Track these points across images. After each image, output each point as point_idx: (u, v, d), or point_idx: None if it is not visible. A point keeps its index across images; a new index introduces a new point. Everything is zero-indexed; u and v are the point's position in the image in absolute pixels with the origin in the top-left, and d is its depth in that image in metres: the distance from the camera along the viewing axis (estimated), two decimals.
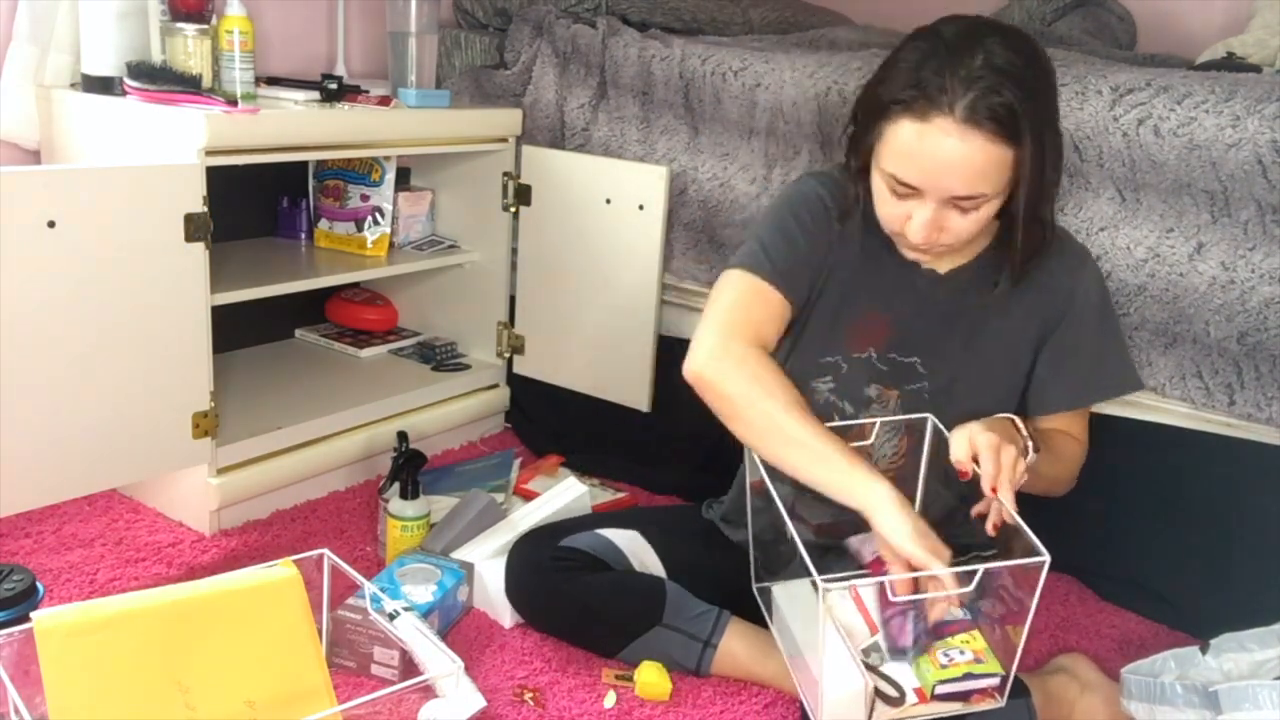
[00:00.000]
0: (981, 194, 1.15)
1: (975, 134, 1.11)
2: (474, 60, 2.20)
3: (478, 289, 2.15)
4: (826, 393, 1.35)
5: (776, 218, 1.33)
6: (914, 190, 1.17)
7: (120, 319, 1.46)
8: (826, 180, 1.34)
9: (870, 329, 1.34)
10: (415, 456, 1.61)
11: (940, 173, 1.14)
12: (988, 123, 1.11)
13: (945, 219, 1.18)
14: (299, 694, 1.10)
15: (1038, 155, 1.15)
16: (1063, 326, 1.32)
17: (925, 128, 1.13)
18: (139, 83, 1.56)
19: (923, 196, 1.17)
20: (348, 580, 1.22)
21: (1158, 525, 1.60)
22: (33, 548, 1.60)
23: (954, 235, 1.20)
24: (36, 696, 0.97)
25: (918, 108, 1.13)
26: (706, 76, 1.84)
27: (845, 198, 1.31)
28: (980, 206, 1.17)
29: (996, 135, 1.11)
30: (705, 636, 1.35)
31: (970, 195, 1.15)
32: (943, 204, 1.17)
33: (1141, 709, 1.20)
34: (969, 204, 1.16)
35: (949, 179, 1.14)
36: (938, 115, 1.12)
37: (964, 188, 1.14)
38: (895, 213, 1.21)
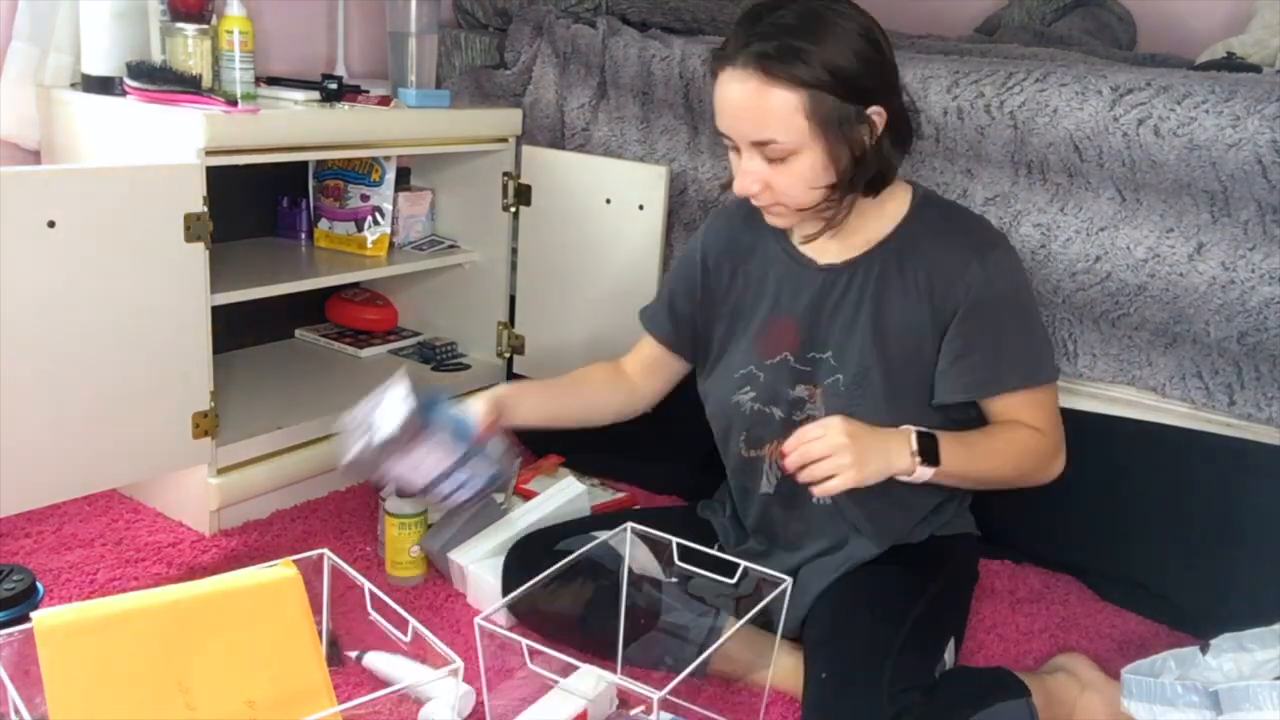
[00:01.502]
0: (772, 139, 1.23)
1: (750, 75, 1.21)
2: (474, 60, 2.20)
3: (478, 289, 2.15)
4: (749, 403, 1.41)
5: (665, 280, 1.58)
6: (732, 144, 1.27)
7: (120, 319, 1.46)
8: (716, 222, 1.50)
9: (780, 334, 1.39)
10: None
11: (733, 116, 1.25)
12: (766, 65, 1.20)
13: (763, 172, 1.26)
14: (299, 694, 1.09)
15: (841, 112, 1.22)
16: (960, 315, 1.30)
17: (719, 79, 1.25)
18: (139, 83, 1.56)
19: (737, 149, 1.27)
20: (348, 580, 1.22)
21: (1158, 525, 1.60)
22: (33, 548, 1.60)
23: (783, 192, 1.27)
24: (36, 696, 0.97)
25: (716, 62, 1.26)
26: (706, 76, 1.84)
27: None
28: (786, 158, 1.24)
29: (769, 78, 1.20)
30: (703, 635, 1.36)
31: (764, 140, 1.23)
32: (753, 152, 1.26)
33: (1142, 709, 1.20)
34: (770, 151, 1.24)
35: (740, 123, 1.25)
36: (725, 66, 1.24)
37: (753, 131, 1.24)
38: (734, 173, 1.30)
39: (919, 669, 1.23)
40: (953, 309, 1.31)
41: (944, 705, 1.19)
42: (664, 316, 1.54)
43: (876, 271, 1.34)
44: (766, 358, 1.40)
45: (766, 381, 1.39)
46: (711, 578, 1.31)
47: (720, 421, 1.46)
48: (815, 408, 1.36)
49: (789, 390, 1.38)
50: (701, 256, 1.48)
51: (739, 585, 1.30)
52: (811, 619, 1.35)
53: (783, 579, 1.22)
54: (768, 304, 1.41)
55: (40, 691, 0.97)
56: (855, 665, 1.22)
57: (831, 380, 1.35)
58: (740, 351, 1.43)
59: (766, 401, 1.40)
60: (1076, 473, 1.65)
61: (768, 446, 1.41)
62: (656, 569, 1.42)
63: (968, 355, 1.31)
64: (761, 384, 1.40)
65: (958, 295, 1.30)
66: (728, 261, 1.46)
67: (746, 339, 1.42)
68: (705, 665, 1.35)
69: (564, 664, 1.17)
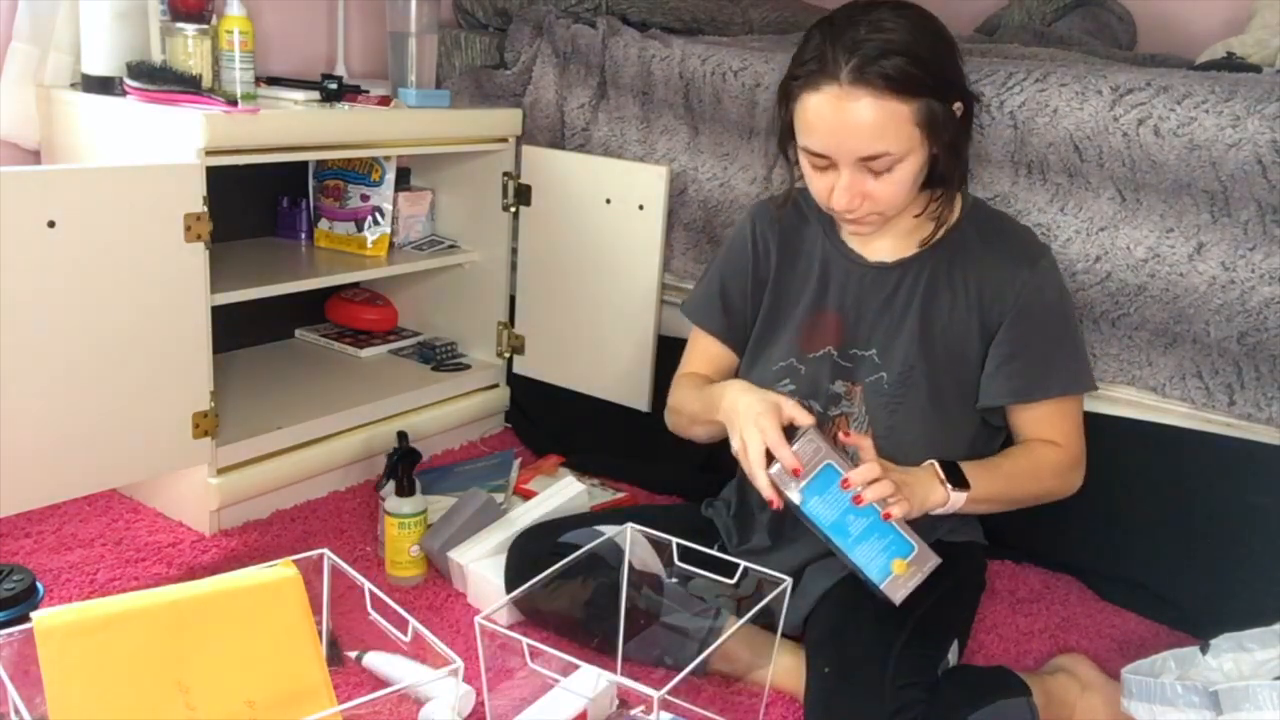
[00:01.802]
0: (885, 152, 1.21)
1: (862, 92, 1.18)
2: (474, 60, 2.20)
3: (478, 289, 2.15)
4: (789, 395, 1.39)
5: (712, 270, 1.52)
6: (827, 160, 1.24)
7: (120, 319, 1.46)
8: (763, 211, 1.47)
9: (824, 328, 1.40)
10: (410, 454, 1.61)
11: (840, 135, 1.21)
12: (874, 80, 1.18)
13: (863, 184, 1.25)
14: (299, 694, 1.09)
15: (940, 112, 1.22)
16: (1009, 321, 1.33)
17: (819, 96, 1.21)
18: (139, 83, 1.56)
19: (836, 165, 1.24)
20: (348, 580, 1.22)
21: (1158, 525, 1.60)
22: (33, 548, 1.60)
23: (879, 202, 1.26)
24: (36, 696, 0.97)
25: (811, 80, 1.22)
26: (706, 76, 1.84)
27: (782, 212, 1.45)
28: (892, 168, 1.23)
29: (883, 91, 1.18)
30: (703, 635, 1.36)
31: (874, 155, 1.21)
32: (855, 168, 1.24)
33: (1142, 709, 1.20)
34: (878, 164, 1.22)
35: (849, 140, 1.21)
36: (827, 82, 1.20)
37: (865, 147, 1.21)
38: (820, 187, 1.28)
39: (921, 667, 1.23)
40: (1000, 316, 1.33)
41: (945, 703, 1.19)
42: (717, 310, 1.50)
43: (927, 273, 1.35)
44: (809, 351, 1.40)
45: (808, 374, 1.39)
46: (712, 578, 1.31)
47: None
48: (852, 405, 1.37)
49: (829, 385, 1.39)
50: (752, 243, 1.46)
51: (739, 585, 1.30)
52: (814, 617, 1.35)
53: (783, 579, 1.23)
54: (813, 297, 1.41)
55: (40, 691, 0.97)
56: (857, 662, 1.23)
57: (874, 379, 1.36)
58: (782, 343, 1.42)
59: (806, 394, 1.39)
60: None
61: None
62: (658, 565, 1.42)
63: (1014, 360, 1.33)
64: (802, 377, 1.40)
65: (1006, 302, 1.32)
66: (776, 250, 1.45)
67: (790, 330, 1.42)
68: (705, 664, 1.35)
69: (564, 663, 1.17)
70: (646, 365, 1.92)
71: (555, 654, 1.12)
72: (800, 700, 1.31)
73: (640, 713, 1.29)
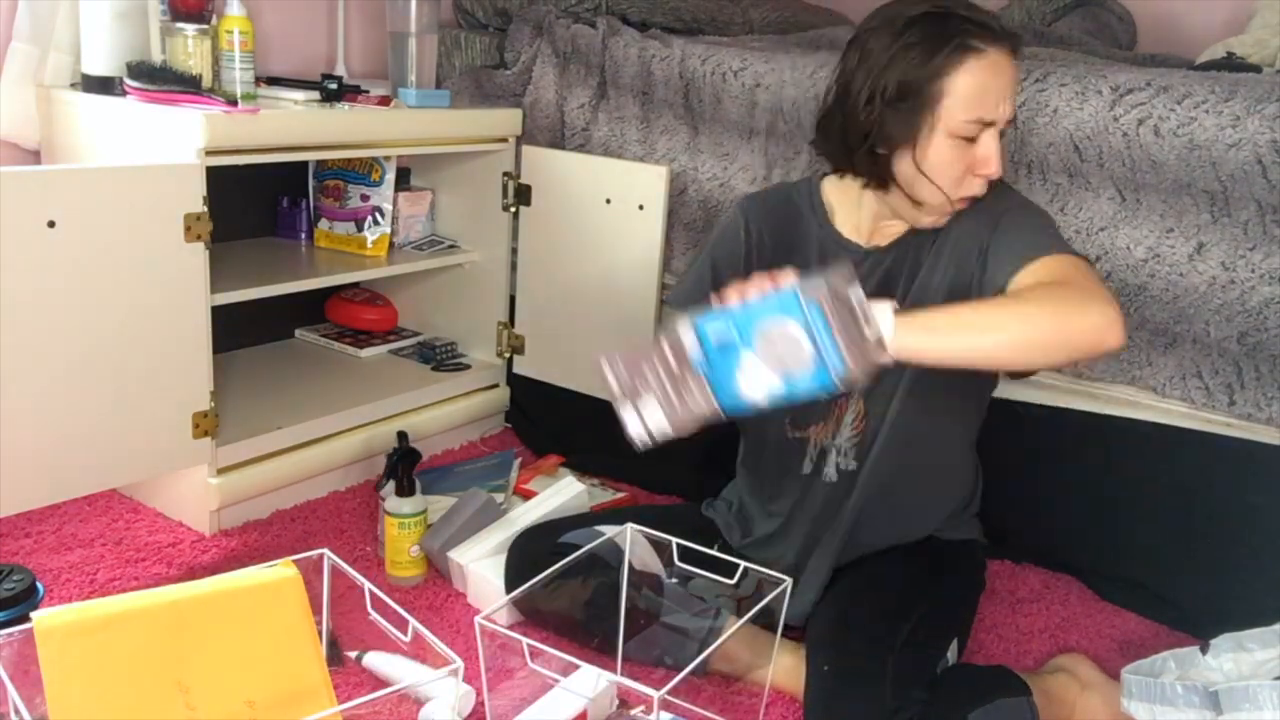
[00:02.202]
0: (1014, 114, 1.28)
1: (1009, 54, 1.25)
2: (474, 60, 2.20)
3: (478, 289, 2.15)
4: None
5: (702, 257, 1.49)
6: (986, 126, 1.26)
7: (120, 319, 1.46)
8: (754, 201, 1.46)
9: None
10: (410, 454, 1.61)
11: (1006, 95, 1.25)
12: (1013, 41, 1.25)
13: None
14: (299, 694, 1.09)
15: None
16: (990, 239, 1.29)
17: (986, 59, 1.23)
18: (139, 83, 1.56)
19: (990, 130, 1.26)
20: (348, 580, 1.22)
21: (1158, 525, 1.60)
22: (33, 548, 1.60)
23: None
24: (36, 696, 0.97)
25: (973, 47, 1.23)
26: (706, 76, 1.84)
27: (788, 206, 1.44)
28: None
29: (1019, 53, 1.26)
30: (703, 634, 1.36)
31: (1014, 115, 1.27)
32: (997, 133, 1.26)
33: (1142, 709, 1.20)
34: (1008, 125, 1.27)
35: (1009, 100, 1.26)
36: (992, 45, 1.23)
37: (1012, 107, 1.27)
38: (966, 164, 1.27)
39: (921, 665, 1.23)
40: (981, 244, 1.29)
41: (945, 701, 1.19)
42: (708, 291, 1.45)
43: (914, 250, 1.36)
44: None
45: None
46: (712, 578, 1.31)
47: None
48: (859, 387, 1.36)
49: None
50: (745, 229, 1.45)
51: (739, 585, 1.30)
52: (815, 615, 1.36)
53: (783, 579, 1.23)
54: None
55: (40, 691, 0.97)
56: (858, 660, 1.23)
57: None
58: None
59: None
60: (1076, 473, 1.65)
61: (812, 428, 1.41)
62: (658, 565, 1.42)
63: (997, 247, 1.28)
64: None
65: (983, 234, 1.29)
66: (770, 237, 1.44)
67: None
68: (705, 664, 1.35)
69: (564, 663, 1.17)
70: None
71: (555, 654, 1.12)
72: (800, 700, 1.31)
73: (640, 713, 1.29)
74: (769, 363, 1.08)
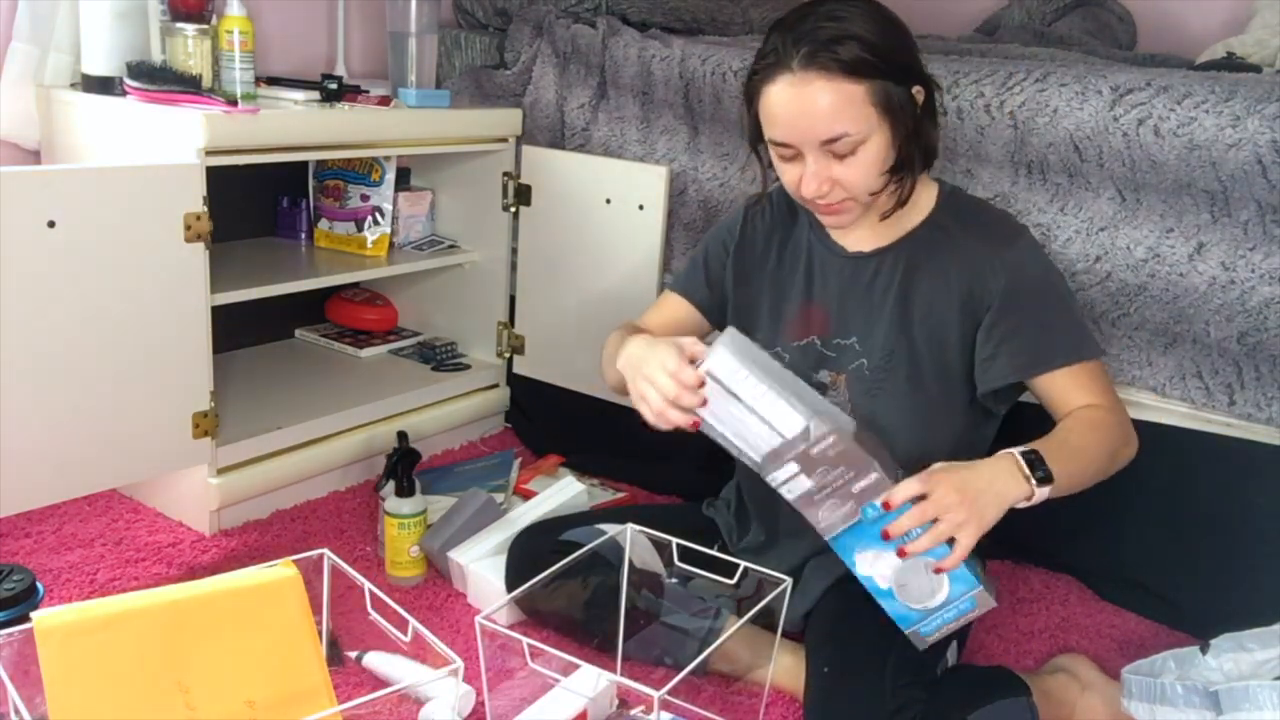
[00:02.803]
0: (844, 133, 1.22)
1: (813, 76, 1.21)
2: (474, 60, 2.20)
3: (478, 289, 2.15)
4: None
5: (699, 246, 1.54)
6: (793, 149, 1.26)
7: (120, 319, 1.46)
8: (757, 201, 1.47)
9: (809, 319, 1.40)
10: (410, 454, 1.61)
11: (798, 122, 1.23)
12: (826, 63, 1.20)
13: (829, 169, 1.25)
14: (299, 694, 1.09)
15: (898, 95, 1.24)
16: (997, 305, 1.30)
17: (775, 87, 1.24)
18: (139, 83, 1.56)
19: (801, 154, 1.26)
20: (348, 580, 1.22)
21: (1158, 525, 1.60)
22: (33, 548, 1.60)
23: (847, 185, 1.27)
24: (36, 696, 0.97)
25: (768, 73, 1.24)
26: (706, 76, 1.84)
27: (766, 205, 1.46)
28: (855, 150, 1.24)
29: (835, 73, 1.20)
30: (704, 633, 1.36)
31: (833, 136, 1.22)
32: (819, 154, 1.25)
33: (1142, 709, 1.20)
34: (840, 147, 1.23)
35: (808, 126, 1.23)
36: (781, 73, 1.23)
37: (823, 130, 1.22)
38: (791, 179, 1.30)
39: (921, 665, 1.23)
40: (986, 302, 1.31)
41: (945, 701, 1.19)
42: (699, 279, 1.51)
43: (905, 260, 1.35)
44: (793, 340, 1.41)
45: (791, 363, 1.39)
46: (712, 578, 1.31)
47: None
48: (839, 393, 1.37)
49: (813, 374, 1.39)
50: (741, 226, 1.48)
51: (739, 586, 1.30)
52: (814, 616, 1.36)
53: (783, 579, 1.23)
54: (799, 289, 1.41)
55: (40, 691, 0.97)
56: (857, 660, 1.23)
57: (856, 365, 1.36)
58: (765, 332, 1.43)
59: None
60: None
61: None
62: (658, 564, 1.42)
63: (1012, 338, 1.31)
64: (787, 365, 1.39)
65: (989, 287, 1.31)
66: (763, 237, 1.46)
67: (775, 321, 1.43)
68: (705, 664, 1.35)
69: (564, 663, 1.17)
70: None
71: (555, 654, 1.12)
72: (800, 700, 1.31)
73: (640, 713, 1.29)
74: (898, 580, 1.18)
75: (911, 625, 1.19)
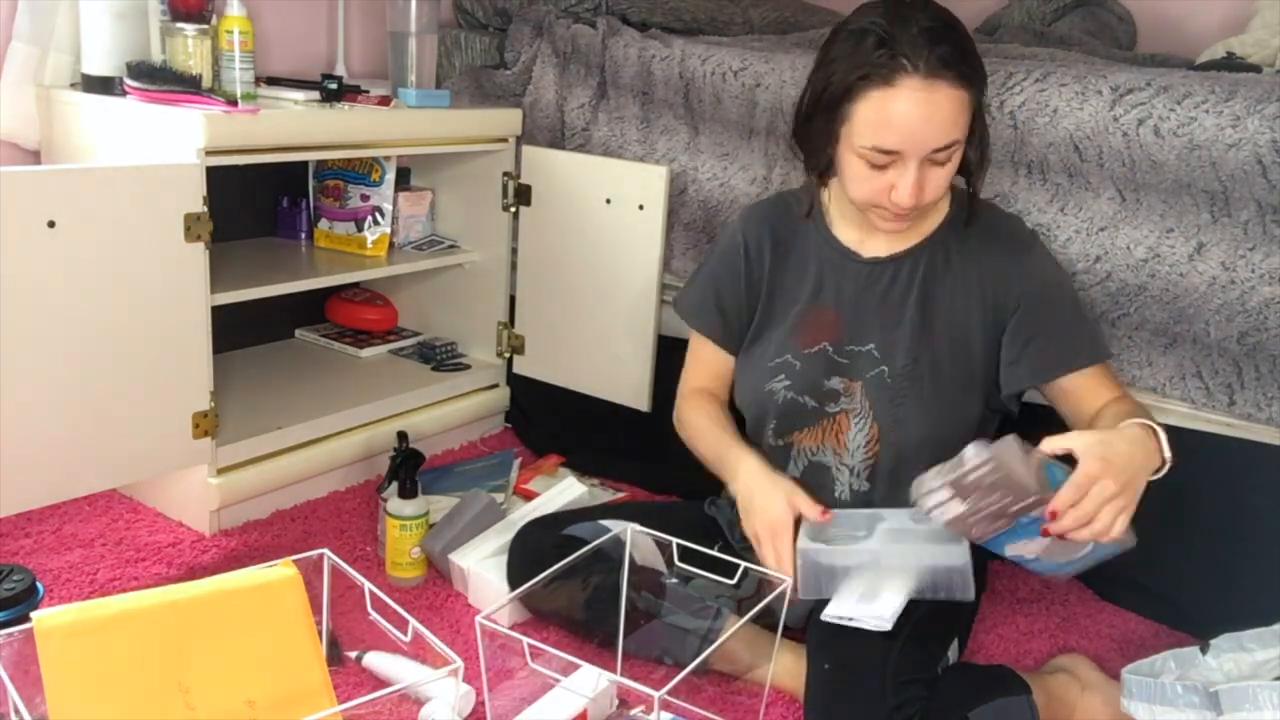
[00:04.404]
0: (955, 141, 1.24)
1: (939, 84, 1.20)
2: (474, 60, 2.20)
3: (478, 289, 2.15)
4: (783, 391, 1.41)
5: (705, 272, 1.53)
6: (895, 156, 1.24)
7: (120, 319, 1.46)
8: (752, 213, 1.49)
9: (820, 324, 1.40)
10: (413, 455, 1.61)
11: (918, 129, 1.22)
12: (947, 71, 1.20)
13: (925, 177, 1.25)
14: (299, 694, 1.09)
15: (980, 100, 1.27)
16: (1022, 311, 1.34)
17: (895, 91, 1.21)
18: (139, 83, 1.56)
19: (904, 159, 1.24)
20: (348, 580, 1.22)
21: (1158, 525, 1.59)
22: (33, 548, 1.60)
23: (933, 190, 1.27)
24: (36, 696, 0.97)
25: (881, 76, 1.21)
26: (706, 76, 1.84)
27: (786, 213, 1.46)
28: (952, 156, 1.25)
29: (956, 80, 1.21)
30: (704, 632, 1.36)
31: (948, 144, 1.23)
32: (923, 162, 1.24)
33: (1142, 709, 1.20)
34: (943, 155, 1.24)
35: (926, 134, 1.22)
36: (903, 77, 1.20)
37: (941, 138, 1.22)
38: (877, 186, 1.28)
39: (921, 664, 1.23)
40: (1007, 305, 1.34)
41: (945, 700, 1.19)
42: (714, 317, 1.50)
43: (923, 266, 1.36)
44: (804, 347, 1.40)
45: (802, 370, 1.40)
46: (712, 578, 1.31)
47: (753, 410, 1.47)
48: (852, 401, 1.37)
49: (824, 381, 1.39)
50: (744, 248, 1.47)
51: (740, 586, 1.30)
52: (816, 614, 1.35)
53: (783, 579, 1.23)
54: (808, 294, 1.42)
55: (40, 691, 0.97)
56: (858, 658, 1.23)
57: (875, 373, 1.36)
58: (776, 340, 1.43)
59: (800, 391, 1.40)
60: None
61: (795, 434, 1.42)
62: (659, 561, 1.42)
63: (1036, 342, 1.34)
64: (797, 373, 1.40)
65: (1011, 292, 1.33)
66: (769, 250, 1.46)
67: (784, 328, 1.43)
68: (705, 664, 1.35)
69: (564, 663, 1.17)
70: (646, 365, 1.92)
71: (555, 654, 1.12)
72: (800, 700, 1.31)
73: (640, 712, 1.29)
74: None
75: (1054, 572, 1.22)
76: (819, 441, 1.40)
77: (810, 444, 1.40)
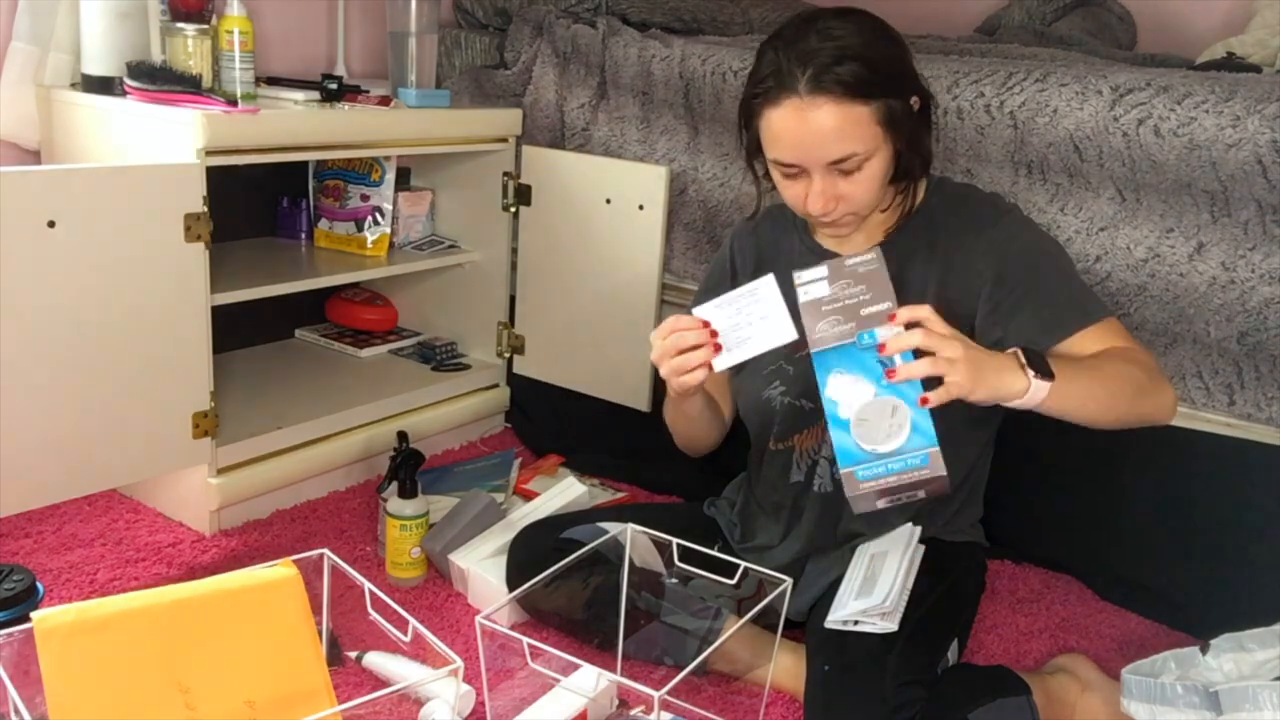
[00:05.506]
0: (851, 154, 1.23)
1: (822, 100, 1.21)
2: (474, 60, 2.20)
3: (478, 289, 2.15)
4: (780, 397, 1.41)
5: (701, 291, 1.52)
6: (798, 168, 1.26)
7: (120, 319, 1.46)
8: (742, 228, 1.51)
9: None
10: (413, 455, 1.61)
11: (807, 144, 1.23)
12: (832, 86, 1.20)
13: (835, 187, 1.27)
14: (299, 694, 1.09)
15: (899, 109, 1.25)
16: (992, 285, 1.30)
17: (781, 109, 1.23)
18: (139, 83, 1.56)
19: (808, 171, 1.26)
20: (348, 580, 1.22)
21: (1157, 525, 1.60)
22: (33, 548, 1.60)
23: (853, 201, 1.28)
24: (36, 696, 0.97)
25: (770, 95, 1.24)
26: (706, 76, 1.84)
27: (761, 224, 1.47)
28: (861, 166, 1.25)
29: (842, 96, 1.21)
30: (704, 632, 1.36)
31: (842, 157, 1.23)
32: (825, 173, 1.25)
33: (1142, 709, 1.20)
34: (847, 165, 1.24)
35: (817, 148, 1.23)
36: (787, 95, 1.22)
37: (832, 151, 1.23)
38: (794, 195, 1.30)
39: (921, 664, 1.23)
40: (978, 284, 1.32)
41: (945, 700, 1.19)
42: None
43: (896, 256, 1.35)
44: (795, 351, 1.40)
45: (796, 374, 1.40)
46: (712, 578, 1.31)
47: (755, 418, 1.47)
48: None
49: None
50: (730, 264, 1.50)
51: (740, 586, 1.30)
52: (816, 614, 1.36)
53: (783, 579, 1.23)
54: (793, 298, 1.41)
55: (40, 691, 0.97)
56: (857, 660, 1.23)
57: None
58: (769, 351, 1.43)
59: (798, 395, 1.40)
60: (1076, 473, 1.65)
61: (795, 437, 1.42)
62: (659, 563, 1.42)
63: (1016, 314, 1.30)
64: (791, 377, 1.41)
65: (980, 268, 1.31)
66: (754, 261, 1.47)
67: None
68: (705, 664, 1.35)
69: (564, 663, 1.17)
70: (646, 365, 1.92)
71: (555, 654, 1.12)
72: (800, 700, 1.31)
73: (640, 713, 1.29)
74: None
75: (852, 464, 1.15)
76: (819, 441, 1.40)
77: (810, 444, 1.41)
